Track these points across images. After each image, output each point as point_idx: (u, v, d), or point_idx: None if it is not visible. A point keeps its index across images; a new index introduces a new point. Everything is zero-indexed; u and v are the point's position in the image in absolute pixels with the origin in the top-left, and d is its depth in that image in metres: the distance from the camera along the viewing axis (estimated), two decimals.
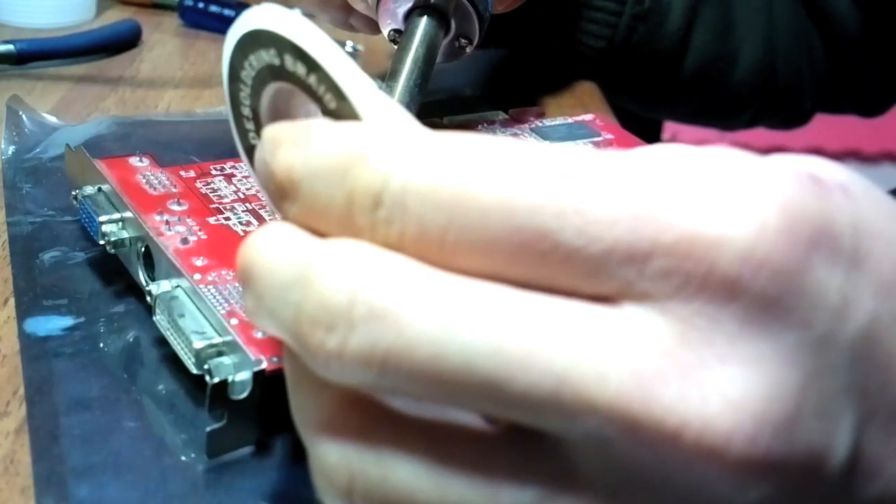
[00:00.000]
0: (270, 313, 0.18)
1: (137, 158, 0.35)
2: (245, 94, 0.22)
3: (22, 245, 0.36)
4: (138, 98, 0.51)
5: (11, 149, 0.42)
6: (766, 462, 0.16)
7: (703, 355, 0.16)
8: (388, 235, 0.17)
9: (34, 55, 0.54)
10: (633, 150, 0.18)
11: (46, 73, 0.53)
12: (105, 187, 0.33)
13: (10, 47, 0.53)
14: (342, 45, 0.59)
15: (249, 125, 0.23)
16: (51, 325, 0.31)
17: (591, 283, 0.17)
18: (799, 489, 0.17)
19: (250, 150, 0.23)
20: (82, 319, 0.32)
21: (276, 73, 0.21)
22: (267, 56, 0.21)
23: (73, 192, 0.33)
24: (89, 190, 0.33)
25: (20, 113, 0.44)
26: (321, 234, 0.18)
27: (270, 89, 0.21)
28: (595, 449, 0.17)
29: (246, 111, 0.22)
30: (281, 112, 0.22)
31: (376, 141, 0.17)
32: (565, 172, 0.17)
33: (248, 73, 0.21)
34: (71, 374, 0.29)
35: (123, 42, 0.58)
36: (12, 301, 0.33)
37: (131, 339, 0.31)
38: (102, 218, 0.32)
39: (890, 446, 0.18)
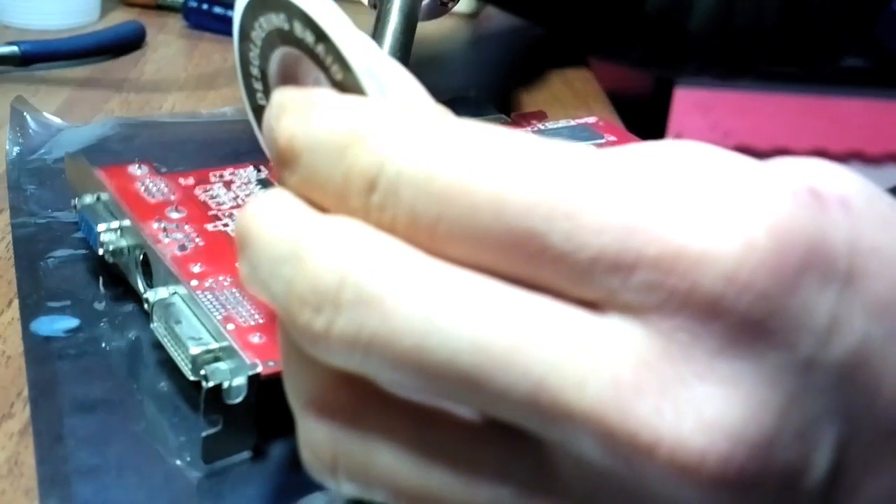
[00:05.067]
0: (263, 284, 0.18)
1: (136, 166, 0.35)
2: (254, 54, 0.22)
3: (26, 247, 0.36)
4: (143, 99, 0.52)
5: (16, 150, 0.42)
6: (741, 482, 0.16)
7: (682, 371, 0.16)
8: (381, 220, 0.17)
9: (38, 57, 0.54)
10: (632, 147, 0.18)
11: (50, 74, 0.53)
12: (104, 196, 0.33)
13: (15, 49, 0.53)
14: None
15: (258, 85, 0.23)
16: (55, 326, 0.31)
17: (577, 288, 0.17)
18: None
19: (257, 110, 0.23)
20: (86, 321, 0.32)
21: (285, 37, 0.21)
22: (277, 20, 0.21)
23: (73, 202, 0.34)
24: (88, 199, 0.33)
25: (24, 114, 0.44)
26: (319, 206, 0.18)
27: (279, 53, 0.21)
28: (572, 454, 0.17)
29: (255, 71, 0.22)
30: (290, 75, 0.22)
31: (376, 121, 0.17)
32: (560, 173, 0.17)
33: (258, 34, 0.21)
34: (75, 375, 0.29)
35: (128, 43, 0.59)
36: (17, 302, 0.33)
37: (135, 342, 0.31)
38: (101, 227, 0.32)
39: (869, 467, 0.18)
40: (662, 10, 0.57)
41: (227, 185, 0.36)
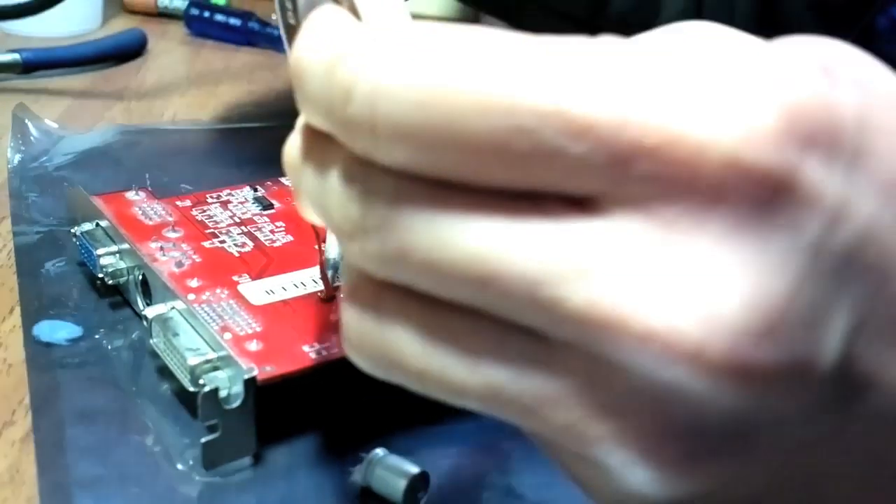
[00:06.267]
0: (315, 210, 0.20)
1: (134, 192, 0.36)
2: None
3: (28, 255, 0.36)
4: (144, 107, 0.52)
5: (17, 157, 0.42)
6: (745, 370, 0.16)
7: (685, 259, 0.16)
8: (360, 130, 0.17)
9: (40, 64, 0.54)
10: (637, 36, 0.18)
11: (52, 82, 0.53)
12: (103, 223, 0.34)
13: (16, 56, 0.53)
14: None
15: (288, 4, 0.24)
16: (57, 335, 0.31)
17: (572, 183, 0.16)
18: (784, 396, 0.17)
19: (288, 29, 0.25)
20: (88, 330, 0.32)
21: None
22: None
23: (72, 230, 0.34)
24: (87, 226, 0.34)
25: (26, 121, 0.44)
26: (319, 128, 0.19)
27: None
28: (574, 342, 0.17)
29: (288, 3, 0.24)
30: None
31: (357, 39, 0.18)
32: (547, 67, 0.16)
33: None
34: (76, 384, 0.29)
35: (129, 51, 0.59)
36: (18, 310, 0.33)
37: (136, 350, 0.31)
38: (100, 251, 0.32)
39: (884, 356, 0.18)
40: (627, 14, 0.57)
41: (224, 205, 0.36)
